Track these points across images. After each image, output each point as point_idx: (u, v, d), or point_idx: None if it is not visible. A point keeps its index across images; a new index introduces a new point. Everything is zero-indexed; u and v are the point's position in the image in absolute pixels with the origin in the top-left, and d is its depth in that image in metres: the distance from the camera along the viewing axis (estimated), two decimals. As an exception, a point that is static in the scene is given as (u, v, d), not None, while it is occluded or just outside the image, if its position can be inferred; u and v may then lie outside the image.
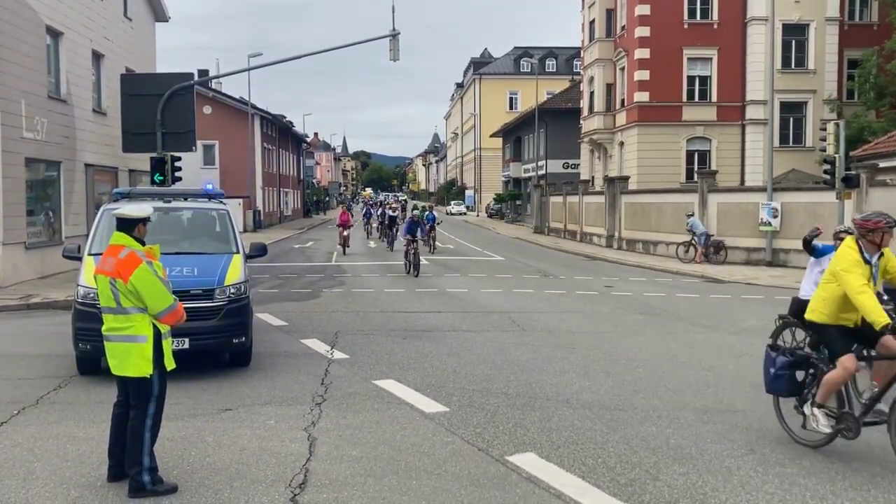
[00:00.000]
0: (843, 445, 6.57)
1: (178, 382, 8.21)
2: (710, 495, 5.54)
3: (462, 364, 9.88)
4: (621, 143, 40.15)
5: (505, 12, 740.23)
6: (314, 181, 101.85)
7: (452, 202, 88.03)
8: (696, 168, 36.01)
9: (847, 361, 6.18)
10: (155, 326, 5.53)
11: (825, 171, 21.06)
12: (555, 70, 79.14)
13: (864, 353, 6.71)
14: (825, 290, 6.45)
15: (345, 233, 30.12)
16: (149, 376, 5.51)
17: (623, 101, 39.95)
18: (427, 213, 29.77)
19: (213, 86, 50.89)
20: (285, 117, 71.11)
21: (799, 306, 8.14)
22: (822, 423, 6.32)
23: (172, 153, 20.96)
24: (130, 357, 5.47)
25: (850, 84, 35.57)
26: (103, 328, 5.61)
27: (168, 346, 5.64)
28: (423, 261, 26.41)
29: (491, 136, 75.56)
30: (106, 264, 5.55)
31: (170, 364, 5.65)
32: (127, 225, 5.65)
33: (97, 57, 24.68)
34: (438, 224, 31.67)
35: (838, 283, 6.23)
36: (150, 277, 5.45)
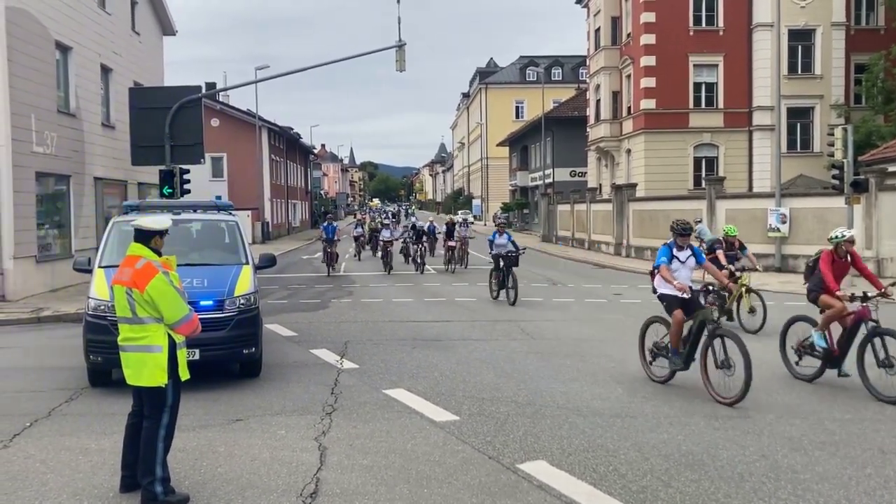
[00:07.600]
0: (856, 450, 6.56)
1: (190, 393, 8.23)
2: (723, 502, 5.52)
3: (471, 373, 9.87)
4: (628, 151, 40.14)
5: (510, 22, 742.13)
6: (322, 192, 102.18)
7: (459, 211, 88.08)
8: (703, 174, 35.95)
9: None
10: (170, 336, 5.57)
11: (833, 177, 20.99)
12: (560, 79, 79.16)
13: None
14: None
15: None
16: (164, 386, 5.54)
17: (629, 108, 39.98)
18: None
19: (221, 98, 51.14)
20: (292, 129, 71.34)
21: None
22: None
23: (181, 166, 21.10)
24: (146, 367, 5.50)
25: (857, 89, 35.51)
26: (119, 338, 5.64)
27: (183, 356, 5.67)
28: (429, 269, 26.55)
29: (497, 145, 75.65)
30: (123, 275, 5.60)
31: (184, 374, 5.67)
32: (145, 236, 5.71)
33: (106, 71, 24.88)
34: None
35: None
36: (166, 287, 5.49)
